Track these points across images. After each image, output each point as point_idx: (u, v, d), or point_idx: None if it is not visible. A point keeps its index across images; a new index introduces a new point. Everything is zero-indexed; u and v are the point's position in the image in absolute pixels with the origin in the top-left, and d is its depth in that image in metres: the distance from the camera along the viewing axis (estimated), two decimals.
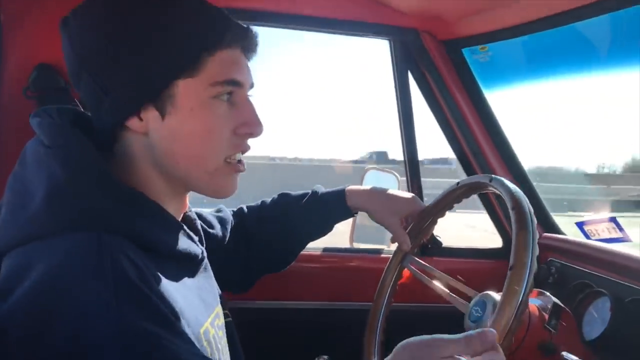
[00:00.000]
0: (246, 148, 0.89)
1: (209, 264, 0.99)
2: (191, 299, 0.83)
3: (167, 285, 0.75)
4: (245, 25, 0.85)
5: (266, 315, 1.64)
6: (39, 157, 0.77)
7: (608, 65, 1.48)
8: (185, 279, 0.86)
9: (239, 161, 0.88)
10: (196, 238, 0.91)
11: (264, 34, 0.92)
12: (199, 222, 1.01)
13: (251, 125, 0.87)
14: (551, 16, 1.41)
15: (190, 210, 1.00)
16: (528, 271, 0.83)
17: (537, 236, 0.88)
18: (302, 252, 1.36)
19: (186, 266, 0.88)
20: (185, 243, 0.86)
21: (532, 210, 0.92)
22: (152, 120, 0.81)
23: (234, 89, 0.84)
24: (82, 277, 0.65)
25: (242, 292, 1.29)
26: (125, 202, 0.76)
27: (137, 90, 0.78)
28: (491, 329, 0.72)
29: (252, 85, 0.89)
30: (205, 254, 0.94)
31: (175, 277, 0.81)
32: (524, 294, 0.82)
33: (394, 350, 0.72)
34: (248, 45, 0.86)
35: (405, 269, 1.26)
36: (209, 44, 0.80)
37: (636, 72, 1.40)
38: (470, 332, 0.71)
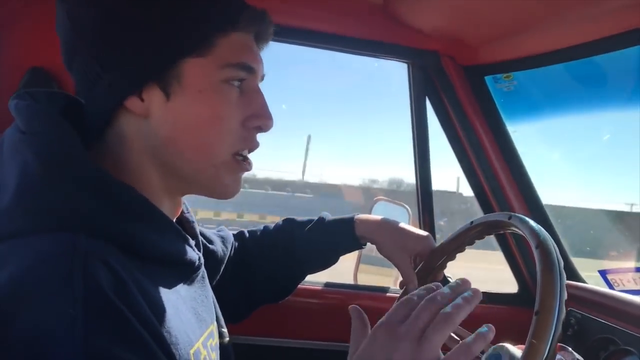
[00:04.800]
0: (255, 145, 0.82)
1: (206, 274, 0.90)
2: (183, 312, 0.76)
3: (156, 297, 0.68)
4: (260, 9, 0.80)
5: (259, 352, 1.53)
6: (13, 145, 0.69)
7: None
8: (179, 288, 0.78)
9: (246, 159, 0.82)
10: (192, 242, 0.83)
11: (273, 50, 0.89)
12: (197, 226, 0.93)
13: (261, 118, 0.80)
14: (583, 44, 1.32)
15: (188, 212, 0.92)
16: (555, 318, 0.73)
17: (565, 278, 0.78)
18: (302, 286, 1.29)
19: (180, 274, 0.80)
20: (179, 247, 0.78)
21: (557, 250, 0.83)
22: (155, 101, 0.74)
23: (246, 75, 0.78)
24: (46, 287, 0.57)
25: (235, 322, 1.18)
26: (110, 198, 0.68)
27: (141, 66, 0.72)
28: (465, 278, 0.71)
29: (262, 77, 0.83)
30: (202, 260, 0.86)
31: (167, 286, 0.74)
32: (551, 344, 0.72)
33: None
34: (263, 32, 0.81)
35: None
36: (224, 23, 0.75)
37: None
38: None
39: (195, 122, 0.75)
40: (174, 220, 0.85)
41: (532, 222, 0.90)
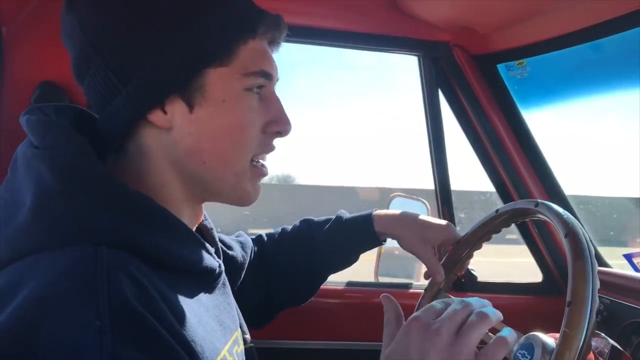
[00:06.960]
0: (272, 149, 0.83)
1: (227, 281, 0.89)
2: (207, 320, 0.75)
3: (178, 306, 0.67)
4: (275, 15, 0.79)
5: (283, 355, 1.53)
6: (27, 160, 0.68)
7: None
8: (201, 297, 0.77)
9: (263, 165, 0.82)
10: (212, 250, 0.82)
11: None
12: (216, 233, 0.92)
13: (280, 123, 0.80)
14: (595, 26, 1.29)
15: (207, 219, 0.91)
16: (589, 308, 0.71)
17: (597, 266, 0.76)
18: (324, 287, 1.26)
19: (201, 282, 0.79)
20: (199, 255, 0.77)
21: (588, 237, 0.80)
22: (178, 113, 0.73)
23: (265, 81, 0.78)
24: (71, 300, 0.56)
25: (258, 327, 1.17)
26: (128, 209, 0.68)
27: (164, 79, 0.70)
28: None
29: (277, 80, 0.83)
30: (222, 267, 0.85)
31: (189, 295, 0.73)
32: (585, 335, 0.70)
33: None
34: (277, 37, 0.80)
35: None
36: (244, 32, 0.74)
37: None
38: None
39: (218, 132, 0.74)
40: (194, 229, 0.84)
41: (560, 209, 0.88)
